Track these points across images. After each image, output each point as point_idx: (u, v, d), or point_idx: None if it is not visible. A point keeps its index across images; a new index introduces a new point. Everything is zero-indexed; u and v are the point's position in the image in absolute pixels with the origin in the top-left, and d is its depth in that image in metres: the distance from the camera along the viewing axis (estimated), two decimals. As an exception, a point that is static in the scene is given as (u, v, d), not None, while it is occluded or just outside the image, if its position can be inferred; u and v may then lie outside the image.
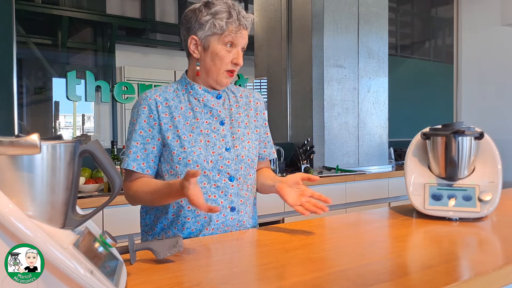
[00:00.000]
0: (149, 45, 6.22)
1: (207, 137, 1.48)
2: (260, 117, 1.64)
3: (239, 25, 1.46)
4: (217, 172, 1.46)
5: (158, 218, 1.52)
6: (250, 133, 1.58)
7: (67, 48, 5.41)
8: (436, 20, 7.08)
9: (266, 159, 1.67)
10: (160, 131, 1.47)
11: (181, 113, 1.49)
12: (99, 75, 5.58)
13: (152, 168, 1.49)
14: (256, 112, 1.63)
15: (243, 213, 1.53)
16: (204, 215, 1.47)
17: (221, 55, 1.46)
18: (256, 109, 1.63)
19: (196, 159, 1.44)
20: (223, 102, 1.55)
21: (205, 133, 1.48)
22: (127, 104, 5.41)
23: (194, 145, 1.45)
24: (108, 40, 5.70)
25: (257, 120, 1.62)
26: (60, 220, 0.83)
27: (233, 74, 1.51)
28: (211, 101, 1.52)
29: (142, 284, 0.97)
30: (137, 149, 1.46)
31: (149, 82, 3.86)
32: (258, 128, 1.62)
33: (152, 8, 6.15)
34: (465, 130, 1.63)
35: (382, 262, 1.16)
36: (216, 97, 1.54)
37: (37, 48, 5.15)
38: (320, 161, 3.90)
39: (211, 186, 1.46)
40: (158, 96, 1.49)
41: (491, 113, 4.08)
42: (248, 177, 1.55)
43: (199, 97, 1.52)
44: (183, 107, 1.50)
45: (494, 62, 4.16)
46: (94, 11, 5.63)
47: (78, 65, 5.72)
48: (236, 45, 1.48)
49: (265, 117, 1.68)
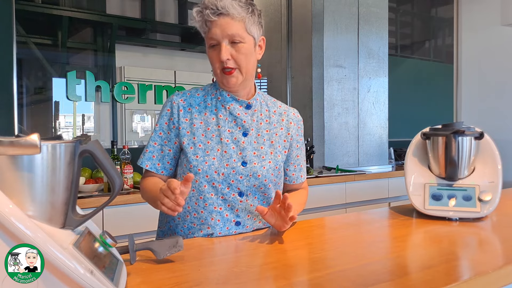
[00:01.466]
0: (149, 45, 6.21)
1: (225, 147, 1.41)
2: (291, 137, 1.53)
3: (212, 14, 1.33)
4: (227, 186, 1.41)
5: (167, 217, 1.52)
6: (274, 152, 1.48)
7: (67, 48, 5.40)
8: (436, 20, 7.08)
9: (294, 182, 1.59)
10: (177, 135, 1.44)
11: (203, 119, 1.44)
12: (99, 75, 5.58)
13: (167, 169, 1.47)
14: (287, 132, 1.52)
15: (249, 227, 1.47)
16: (207, 226, 1.42)
17: (209, 57, 1.41)
18: (288, 129, 1.52)
19: (206, 169, 1.39)
20: (252, 113, 1.47)
21: (224, 143, 1.42)
22: (127, 104, 5.42)
23: (209, 154, 1.40)
24: (108, 40, 5.70)
25: (286, 141, 1.52)
26: (60, 220, 0.83)
27: (232, 72, 1.38)
28: (238, 110, 1.45)
29: (142, 284, 0.97)
30: (154, 149, 1.46)
31: (149, 82, 3.86)
32: (286, 149, 1.52)
33: (152, 8, 6.15)
34: (465, 130, 1.63)
35: (382, 262, 1.16)
36: (245, 107, 1.46)
37: (37, 48, 5.15)
38: (320, 161, 3.90)
39: (218, 197, 1.41)
40: (183, 100, 1.45)
41: (491, 113, 4.08)
42: (261, 195, 1.48)
43: (226, 104, 1.45)
44: (208, 112, 1.45)
45: (494, 62, 4.16)
46: (94, 11, 5.62)
47: (78, 65, 5.72)
48: (219, 41, 1.35)
49: (298, 138, 1.56)
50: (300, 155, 1.59)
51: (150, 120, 6.11)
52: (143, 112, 6.06)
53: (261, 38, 1.45)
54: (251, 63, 1.42)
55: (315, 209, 3.32)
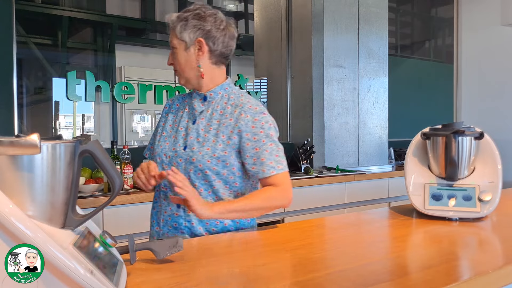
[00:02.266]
0: (149, 45, 6.21)
1: (177, 134, 1.58)
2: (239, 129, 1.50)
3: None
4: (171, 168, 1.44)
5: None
6: (216, 141, 1.50)
7: (67, 48, 5.41)
8: (436, 20, 7.08)
9: (258, 177, 1.51)
10: (162, 128, 1.66)
11: (177, 114, 1.65)
12: (99, 75, 5.58)
13: None
14: (236, 123, 1.51)
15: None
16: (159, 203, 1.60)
17: None
18: (237, 120, 1.51)
19: (159, 152, 1.59)
20: (208, 105, 1.57)
21: (178, 130, 1.59)
22: (127, 104, 5.42)
23: (166, 140, 1.60)
24: (108, 40, 5.70)
25: (233, 132, 1.50)
26: (60, 220, 0.83)
27: (176, 74, 1.59)
28: (196, 102, 1.60)
29: (142, 284, 0.97)
30: (151, 141, 1.70)
31: (149, 82, 3.85)
32: (231, 140, 1.50)
33: (152, 8, 6.15)
34: (465, 130, 1.63)
35: (382, 262, 1.16)
36: (203, 99, 1.59)
37: (37, 48, 5.15)
38: (320, 161, 3.90)
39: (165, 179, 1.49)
40: (173, 100, 1.69)
41: (491, 113, 4.08)
42: (203, 183, 1.50)
43: (190, 99, 1.64)
44: (182, 109, 1.65)
45: (494, 62, 4.16)
46: (94, 11, 5.62)
47: (78, 65, 5.72)
48: None
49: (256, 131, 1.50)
50: (259, 148, 1.49)
51: (150, 120, 6.11)
52: (143, 112, 6.06)
53: (196, 41, 1.52)
54: (187, 64, 1.55)
55: (315, 209, 3.32)
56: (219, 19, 1.54)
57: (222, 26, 1.54)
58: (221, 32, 1.53)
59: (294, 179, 3.20)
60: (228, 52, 1.57)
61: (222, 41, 1.54)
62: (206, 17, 1.52)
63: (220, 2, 6.85)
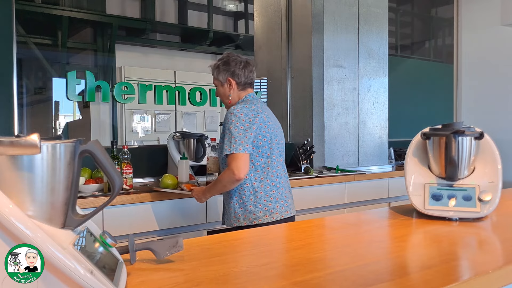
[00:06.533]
0: (149, 45, 6.22)
1: None
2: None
3: None
4: None
5: None
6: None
7: (67, 48, 5.41)
8: (436, 20, 7.08)
9: None
10: None
11: None
12: (99, 75, 5.59)
13: None
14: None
15: None
16: None
17: None
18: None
19: None
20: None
21: None
22: (127, 104, 5.42)
23: None
24: (108, 40, 5.70)
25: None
26: (60, 220, 0.83)
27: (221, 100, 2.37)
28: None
29: (142, 284, 0.97)
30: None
31: (149, 82, 3.85)
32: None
33: (152, 8, 6.15)
34: (465, 130, 1.63)
35: (382, 262, 1.16)
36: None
37: (37, 48, 5.15)
38: (320, 161, 3.90)
39: None
40: None
41: (491, 113, 4.08)
42: None
43: None
44: None
45: (494, 62, 4.16)
46: (94, 11, 5.63)
47: (78, 65, 5.73)
48: None
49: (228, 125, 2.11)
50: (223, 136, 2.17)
51: (150, 120, 6.10)
52: (143, 112, 6.06)
53: (227, 79, 2.24)
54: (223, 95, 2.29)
55: (315, 209, 3.32)
56: (239, 61, 2.23)
57: (242, 65, 2.22)
58: (242, 70, 2.22)
59: (294, 179, 3.20)
60: (250, 80, 2.26)
61: (243, 75, 2.23)
62: (230, 62, 2.23)
63: (220, 2, 6.85)
